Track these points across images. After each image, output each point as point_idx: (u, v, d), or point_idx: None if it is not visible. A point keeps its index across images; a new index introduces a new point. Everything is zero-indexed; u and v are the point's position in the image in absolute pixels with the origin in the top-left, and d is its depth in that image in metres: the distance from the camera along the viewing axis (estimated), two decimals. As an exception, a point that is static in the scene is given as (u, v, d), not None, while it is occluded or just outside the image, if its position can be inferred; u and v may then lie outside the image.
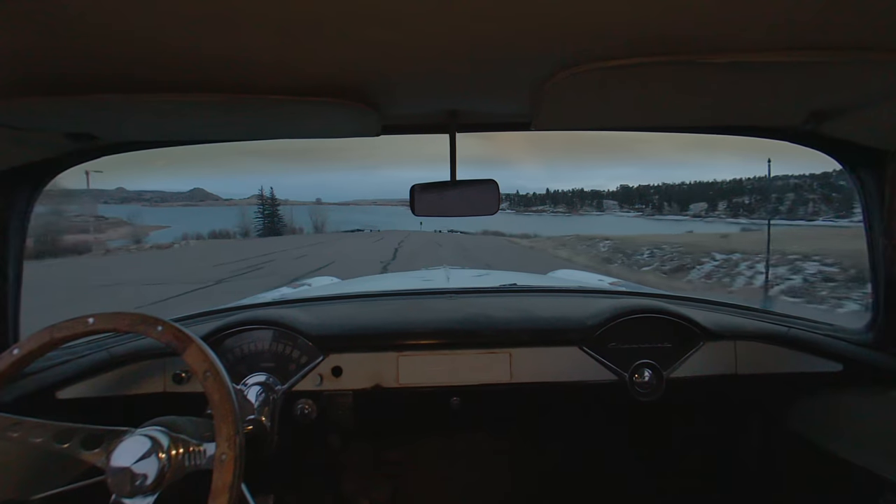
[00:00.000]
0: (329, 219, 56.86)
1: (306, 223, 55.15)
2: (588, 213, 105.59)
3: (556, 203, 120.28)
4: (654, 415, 1.32)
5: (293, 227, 53.17)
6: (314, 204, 75.94)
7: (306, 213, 58.38)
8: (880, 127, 0.83)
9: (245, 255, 19.00)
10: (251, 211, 53.24)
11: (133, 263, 17.97)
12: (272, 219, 54.05)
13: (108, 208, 51.19)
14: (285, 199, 66.37)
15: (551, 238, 32.58)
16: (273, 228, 51.99)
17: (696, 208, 75.82)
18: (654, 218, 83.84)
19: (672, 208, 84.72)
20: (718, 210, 70.13)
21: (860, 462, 0.88)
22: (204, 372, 0.64)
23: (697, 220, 68.07)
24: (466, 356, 1.06)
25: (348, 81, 0.67)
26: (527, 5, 0.45)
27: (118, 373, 1.00)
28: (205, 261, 16.99)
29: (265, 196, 56.22)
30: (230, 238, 41.13)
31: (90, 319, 0.68)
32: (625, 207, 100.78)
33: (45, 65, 0.57)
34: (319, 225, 54.54)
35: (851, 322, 1.10)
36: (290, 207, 60.93)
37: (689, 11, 0.47)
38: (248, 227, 49.99)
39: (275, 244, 27.51)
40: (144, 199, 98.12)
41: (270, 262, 16.44)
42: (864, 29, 0.50)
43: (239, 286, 10.94)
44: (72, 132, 0.82)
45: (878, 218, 0.94)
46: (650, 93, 0.70)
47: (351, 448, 1.35)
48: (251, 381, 0.99)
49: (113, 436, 0.64)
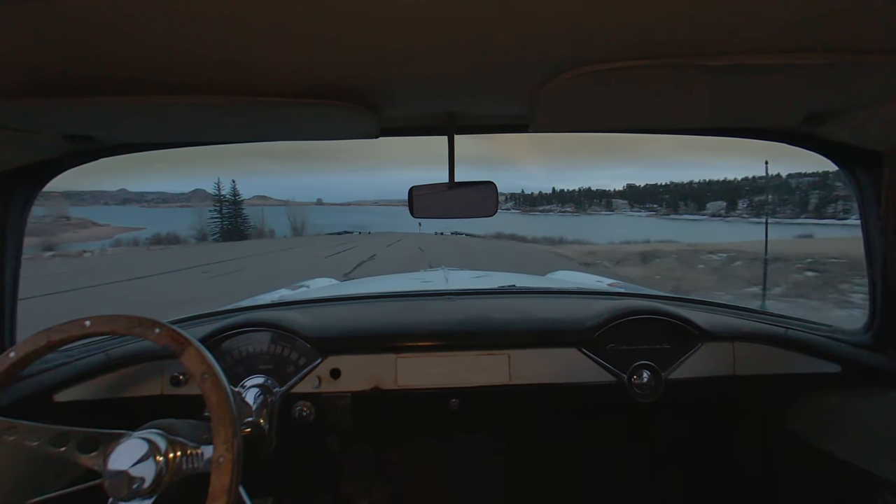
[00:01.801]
0: (310, 220, 51.78)
1: (282, 225, 49.53)
2: (597, 213, 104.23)
3: (563, 202, 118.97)
4: (653, 416, 1.32)
5: (263, 230, 47.40)
6: (315, 204, 73.96)
7: (283, 214, 52.60)
8: (876, 129, 0.83)
9: (145, 271, 13.51)
10: (207, 211, 46.28)
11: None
12: (233, 220, 47.25)
13: (102, 209, 46.75)
14: (286, 199, 64.56)
15: (611, 245, 25.80)
16: (235, 231, 45.77)
17: (714, 207, 73.67)
18: (670, 218, 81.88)
19: (688, 207, 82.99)
20: (738, 209, 67.97)
21: (858, 463, 0.88)
22: (202, 374, 0.64)
23: (717, 219, 65.74)
24: (465, 358, 1.06)
25: (347, 84, 0.67)
26: (525, 8, 0.45)
27: (115, 375, 0.99)
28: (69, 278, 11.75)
29: (222, 193, 47.63)
30: (178, 244, 33.74)
31: (87, 322, 0.67)
32: (635, 207, 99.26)
33: (43, 66, 0.56)
34: (299, 226, 48.82)
35: (849, 323, 1.10)
36: (262, 207, 53.76)
37: (687, 14, 0.47)
38: (205, 229, 43.98)
39: (223, 251, 21.97)
40: (146, 200, 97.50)
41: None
42: (860, 31, 0.50)
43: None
44: (70, 134, 0.82)
45: (874, 219, 0.94)
46: (647, 95, 0.70)
47: (350, 450, 1.35)
48: (249, 383, 0.98)
49: (110, 439, 0.64)
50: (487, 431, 1.40)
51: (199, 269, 14.41)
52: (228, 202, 48.32)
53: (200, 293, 9.58)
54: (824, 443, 0.97)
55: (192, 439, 0.66)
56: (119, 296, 9.80)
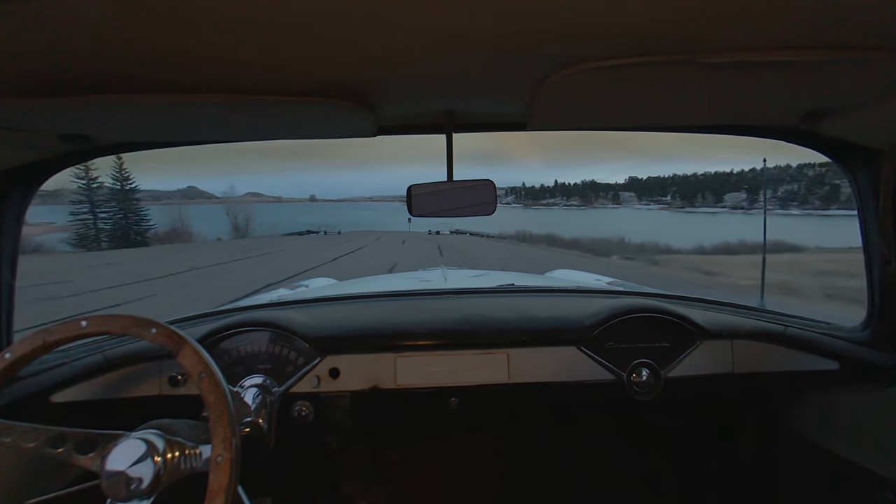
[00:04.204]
0: (258, 218, 40.81)
1: (214, 224, 37.58)
2: (604, 206, 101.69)
3: (567, 196, 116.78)
4: (652, 414, 1.32)
5: (178, 232, 33.84)
6: (308, 201, 70.82)
7: (222, 211, 40.75)
8: (875, 126, 0.83)
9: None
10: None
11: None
12: (118, 220, 32.43)
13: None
14: (279, 196, 60.58)
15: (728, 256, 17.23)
16: (121, 236, 32.03)
17: (733, 199, 71.66)
18: (685, 211, 78.65)
19: (706, 199, 79.68)
20: (760, 200, 63.94)
21: (857, 460, 0.89)
22: (199, 373, 0.64)
23: (738, 212, 62.68)
24: (464, 357, 1.06)
25: (344, 82, 0.67)
26: (522, 6, 0.45)
27: (113, 376, 0.99)
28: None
29: (92, 181, 31.19)
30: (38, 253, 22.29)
31: (83, 322, 0.67)
32: (643, 200, 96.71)
33: (37, 65, 0.56)
34: (241, 226, 38.03)
35: (848, 320, 1.10)
36: (179, 205, 38.96)
37: (684, 11, 0.47)
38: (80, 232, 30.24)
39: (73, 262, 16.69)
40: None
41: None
42: (859, 28, 0.50)
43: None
44: (65, 133, 0.82)
45: (872, 216, 0.94)
46: (646, 93, 0.70)
47: (349, 449, 1.35)
48: (248, 383, 0.98)
49: (107, 440, 0.63)
50: (487, 430, 1.40)
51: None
52: (105, 196, 32.15)
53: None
54: (823, 440, 0.98)
55: (191, 439, 0.66)
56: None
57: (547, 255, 17.77)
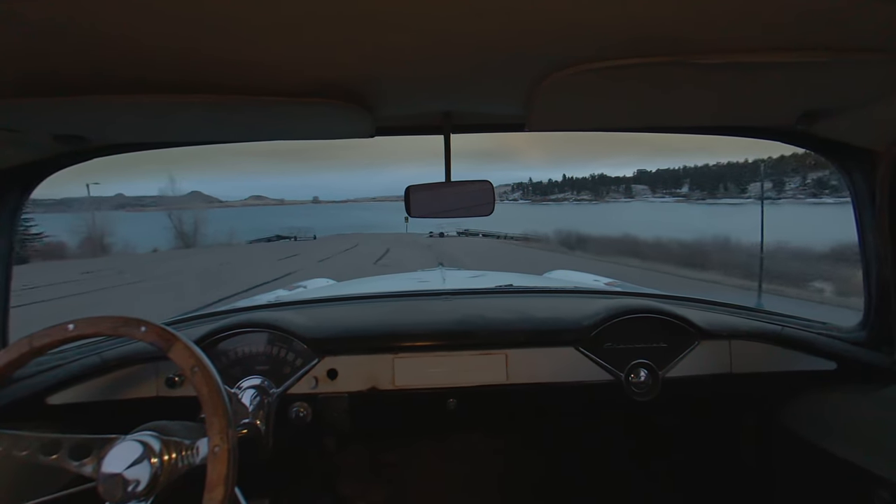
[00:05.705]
0: (210, 221, 32.77)
1: (159, 230, 30.79)
2: (616, 200, 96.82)
3: (578, 190, 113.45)
4: (650, 414, 1.32)
5: (96, 243, 25.51)
6: (311, 203, 68.72)
7: (164, 215, 32.44)
8: (871, 127, 0.84)
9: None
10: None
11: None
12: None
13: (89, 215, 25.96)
14: (281, 198, 59.10)
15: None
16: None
17: (756, 189, 68.72)
18: (705, 203, 74.52)
19: (729, 191, 75.48)
20: (788, 189, 59.55)
21: (854, 459, 0.89)
22: (191, 368, 0.63)
23: (768, 202, 59.64)
24: (462, 357, 1.06)
25: (342, 83, 0.67)
26: (520, 7, 0.45)
27: (110, 377, 0.98)
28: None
29: None
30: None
31: (70, 325, 0.66)
32: (658, 192, 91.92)
33: (33, 65, 0.56)
34: (188, 233, 30.58)
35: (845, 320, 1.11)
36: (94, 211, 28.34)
37: (681, 13, 0.47)
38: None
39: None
40: (142, 204, 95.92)
41: None
42: (855, 30, 0.50)
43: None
44: (61, 134, 0.81)
45: (869, 217, 0.95)
46: (643, 94, 0.70)
47: (347, 450, 1.35)
48: (245, 384, 0.98)
49: (102, 444, 0.63)
50: (485, 431, 1.40)
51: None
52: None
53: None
54: (820, 440, 0.98)
55: (187, 439, 0.65)
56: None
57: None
